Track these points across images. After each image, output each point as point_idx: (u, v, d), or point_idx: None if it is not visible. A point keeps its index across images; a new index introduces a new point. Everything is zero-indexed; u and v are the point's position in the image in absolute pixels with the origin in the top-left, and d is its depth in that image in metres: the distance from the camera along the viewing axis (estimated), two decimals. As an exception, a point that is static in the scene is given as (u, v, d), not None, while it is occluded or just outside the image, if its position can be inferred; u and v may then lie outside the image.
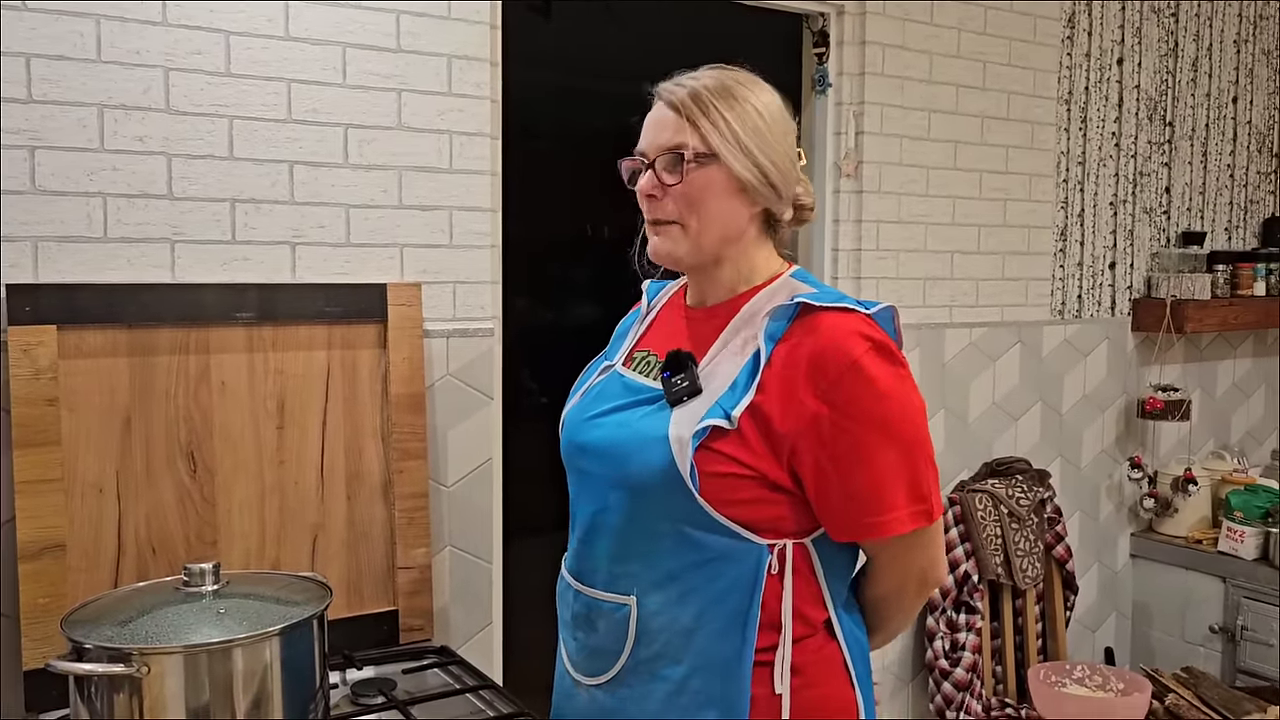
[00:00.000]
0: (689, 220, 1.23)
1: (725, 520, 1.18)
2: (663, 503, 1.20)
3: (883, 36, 2.53)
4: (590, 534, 1.29)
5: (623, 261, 1.35)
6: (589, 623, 1.28)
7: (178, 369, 1.68)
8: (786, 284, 1.28)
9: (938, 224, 2.68)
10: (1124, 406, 3.15)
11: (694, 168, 1.21)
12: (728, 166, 1.21)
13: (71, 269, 1.62)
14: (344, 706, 1.54)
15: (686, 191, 1.22)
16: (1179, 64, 3.22)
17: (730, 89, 1.24)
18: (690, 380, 1.22)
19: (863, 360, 1.17)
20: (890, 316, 1.24)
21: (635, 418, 1.25)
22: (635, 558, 1.24)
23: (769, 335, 1.21)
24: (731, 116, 1.22)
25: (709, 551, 1.19)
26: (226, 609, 1.24)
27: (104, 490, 1.62)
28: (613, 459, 1.25)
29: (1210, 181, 3.36)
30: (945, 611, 2.59)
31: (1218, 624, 2.96)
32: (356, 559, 1.84)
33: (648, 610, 1.23)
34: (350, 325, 1.83)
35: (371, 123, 1.86)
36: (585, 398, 1.36)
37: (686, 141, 1.21)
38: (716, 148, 1.21)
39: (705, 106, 1.22)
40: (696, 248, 1.25)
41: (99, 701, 1.18)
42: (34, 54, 1.58)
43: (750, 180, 1.22)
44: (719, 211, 1.23)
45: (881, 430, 1.17)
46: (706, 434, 1.17)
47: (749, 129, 1.22)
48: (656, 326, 1.39)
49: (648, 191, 1.24)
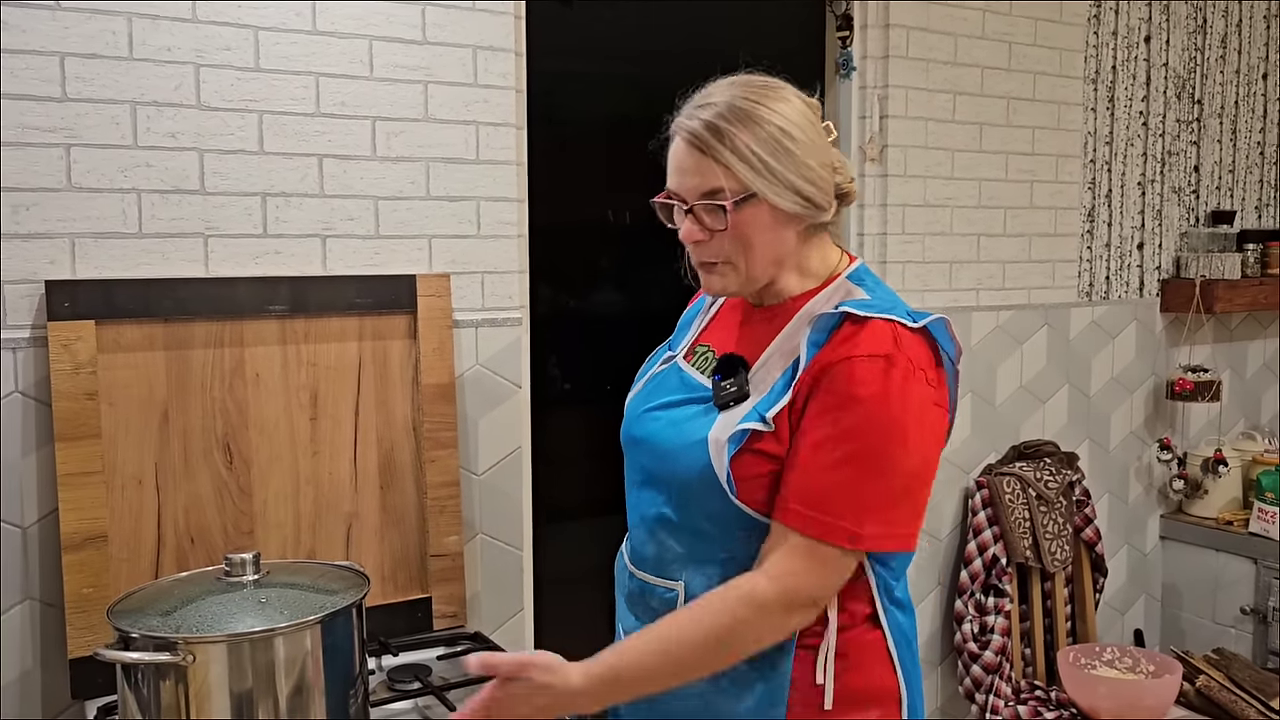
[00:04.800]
0: (738, 259, 1.22)
1: (762, 517, 1.20)
2: (704, 502, 1.22)
3: (907, 19, 2.51)
4: (640, 522, 1.32)
5: (647, 247, 1.35)
6: (643, 603, 1.32)
7: (213, 362, 1.70)
8: (841, 287, 1.25)
9: (963, 207, 2.67)
10: (1153, 388, 3.13)
11: (734, 210, 1.18)
12: (768, 202, 1.18)
13: (108, 264, 1.65)
14: (381, 692, 1.57)
15: (733, 234, 1.19)
16: (1207, 40, 3.18)
17: (749, 112, 1.17)
18: (739, 386, 1.23)
19: (856, 362, 1.14)
20: (942, 327, 1.21)
21: (685, 417, 1.27)
22: (681, 548, 1.26)
23: (811, 343, 1.19)
24: (758, 145, 1.16)
25: (751, 547, 1.21)
26: (268, 598, 1.27)
27: (143, 482, 1.65)
28: (660, 456, 1.27)
29: (1240, 159, 3.32)
30: (974, 595, 2.59)
31: (1249, 605, 2.94)
32: (390, 547, 1.86)
33: (695, 594, 1.24)
34: (381, 316, 1.85)
35: (399, 115, 1.87)
36: (646, 387, 1.37)
37: (721, 185, 1.17)
38: (752, 186, 1.17)
39: (730, 140, 1.16)
40: (749, 280, 1.24)
41: (146, 689, 1.20)
42: (68, 53, 1.60)
43: (794, 209, 1.19)
44: (767, 244, 1.21)
45: (834, 432, 1.14)
46: (744, 439, 1.18)
47: (781, 154, 1.17)
48: (719, 321, 1.38)
49: (694, 239, 1.22)
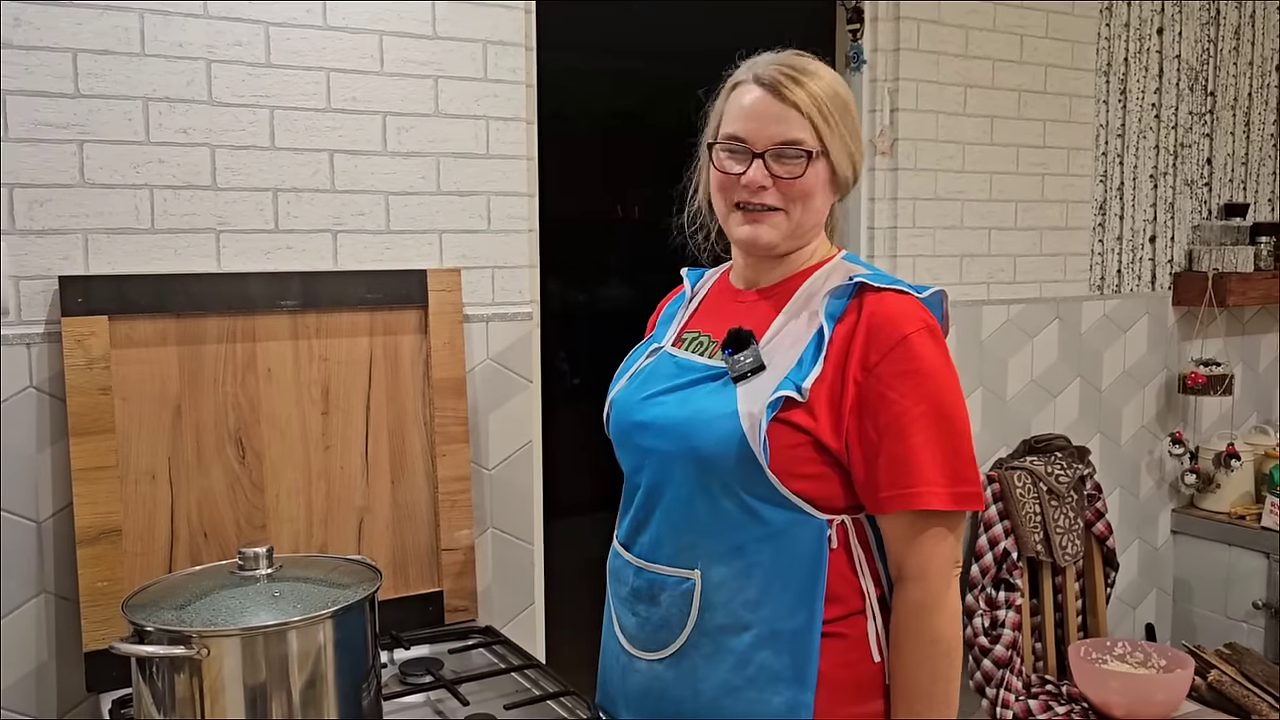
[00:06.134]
0: (793, 210, 1.27)
1: (789, 494, 1.21)
2: (730, 476, 1.22)
3: (918, 11, 2.50)
4: (649, 510, 1.31)
5: (652, 241, 1.37)
6: (650, 598, 1.30)
7: (225, 357, 1.71)
8: (841, 265, 1.32)
9: (974, 200, 2.66)
10: (1164, 382, 3.12)
11: (812, 163, 1.25)
12: (834, 163, 1.26)
13: (121, 260, 1.65)
14: (393, 686, 1.58)
15: (801, 185, 1.25)
16: (1220, 32, 3.16)
17: (823, 76, 1.26)
18: (754, 357, 1.24)
19: (912, 337, 1.20)
20: (940, 301, 1.28)
21: (698, 395, 1.27)
22: (699, 532, 1.26)
23: (829, 314, 1.24)
24: (833, 107, 1.25)
25: (772, 525, 1.22)
26: (281, 592, 1.27)
27: (156, 477, 1.65)
28: (677, 434, 1.26)
29: (1253, 152, 3.29)
30: (984, 589, 2.59)
31: (1261, 600, 2.93)
32: (402, 541, 1.87)
33: (712, 583, 1.25)
34: (392, 311, 1.85)
35: (409, 110, 1.88)
36: (635, 380, 1.37)
37: (801, 137, 1.24)
38: (828, 142, 1.25)
39: (815, 98, 1.24)
40: (795, 235, 1.29)
41: (160, 682, 1.21)
42: (80, 49, 1.60)
43: (848, 177, 1.29)
44: (820, 204, 1.29)
45: (925, 406, 1.19)
46: (780, 405, 1.20)
47: (847, 120, 1.26)
48: (705, 309, 1.40)
49: (760, 184, 1.25)
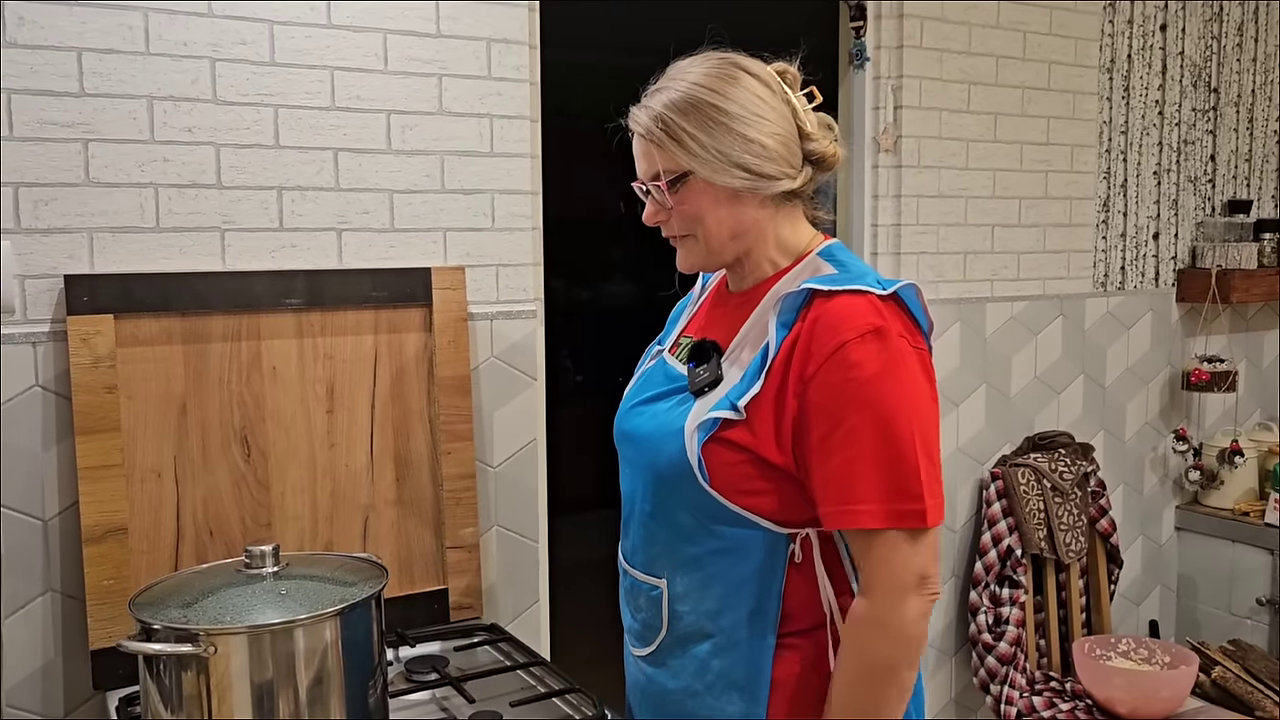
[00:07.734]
0: (696, 232, 1.27)
1: (740, 510, 1.20)
2: (681, 493, 1.23)
3: (921, 9, 2.50)
4: (629, 518, 1.35)
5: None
6: (634, 600, 1.34)
7: (230, 355, 1.71)
8: (809, 265, 1.27)
9: (978, 197, 2.66)
10: (1168, 378, 3.12)
11: (678, 188, 1.24)
12: (704, 179, 1.23)
13: (126, 259, 1.66)
14: (399, 683, 1.58)
15: (682, 210, 1.25)
16: (1224, 28, 3.15)
17: (691, 96, 1.22)
18: (711, 371, 1.24)
19: (850, 345, 1.14)
20: (913, 295, 1.21)
21: (665, 408, 1.28)
22: (662, 543, 1.28)
23: (780, 324, 1.21)
24: (694, 127, 1.21)
25: (728, 539, 1.21)
26: (287, 590, 1.28)
27: (162, 475, 1.66)
28: (645, 447, 1.29)
29: (1257, 148, 3.29)
30: (988, 586, 2.59)
31: (1265, 596, 2.93)
32: (407, 539, 1.87)
33: (676, 593, 1.27)
34: (396, 309, 1.85)
35: (413, 108, 1.88)
36: (636, 383, 1.39)
37: (662, 168, 1.24)
38: (687, 166, 1.22)
39: (667, 125, 1.22)
40: (712, 253, 1.28)
41: (168, 679, 1.21)
42: (85, 48, 1.60)
43: (736, 184, 1.23)
44: (719, 219, 1.25)
45: (862, 416, 1.13)
46: (715, 426, 1.19)
47: (718, 131, 1.21)
48: (702, 312, 1.41)
49: (653, 219, 1.30)
